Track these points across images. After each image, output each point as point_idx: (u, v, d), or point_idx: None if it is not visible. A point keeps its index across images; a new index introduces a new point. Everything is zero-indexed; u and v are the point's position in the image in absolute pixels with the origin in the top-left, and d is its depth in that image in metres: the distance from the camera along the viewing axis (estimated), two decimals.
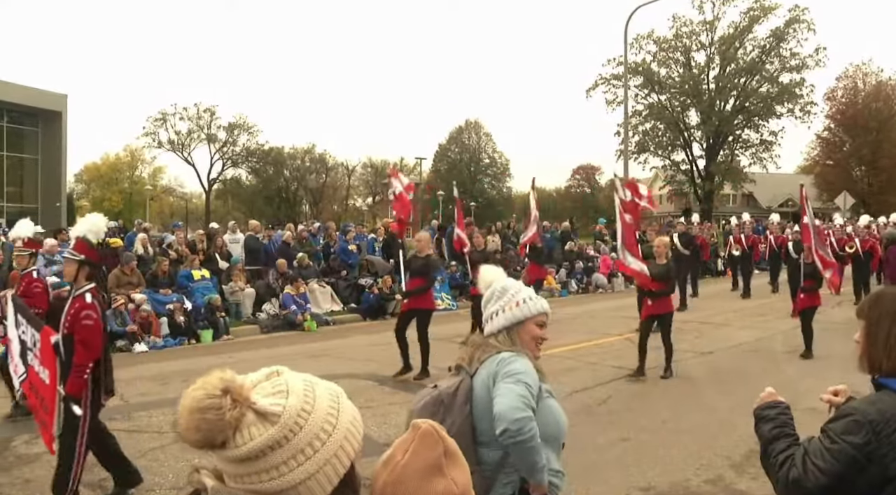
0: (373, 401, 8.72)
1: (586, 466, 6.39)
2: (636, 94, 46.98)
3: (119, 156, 67.56)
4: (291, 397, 1.23)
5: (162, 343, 13.28)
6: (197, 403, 1.18)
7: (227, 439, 1.19)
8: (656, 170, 53.66)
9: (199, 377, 1.24)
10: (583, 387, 9.36)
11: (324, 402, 1.26)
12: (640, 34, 46.34)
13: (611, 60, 46.09)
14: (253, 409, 1.20)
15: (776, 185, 61.74)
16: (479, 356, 2.82)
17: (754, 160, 47.90)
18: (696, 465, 6.46)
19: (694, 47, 47.14)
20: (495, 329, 2.86)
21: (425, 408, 2.70)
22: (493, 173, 72.74)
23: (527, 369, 2.75)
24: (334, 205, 70.26)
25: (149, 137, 60.36)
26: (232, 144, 62.11)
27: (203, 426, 1.17)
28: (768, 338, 13.27)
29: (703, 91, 46.54)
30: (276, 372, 1.30)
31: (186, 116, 59.66)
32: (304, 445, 1.21)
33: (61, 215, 34.08)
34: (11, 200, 35.18)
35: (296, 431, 1.20)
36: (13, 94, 33.17)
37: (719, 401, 8.77)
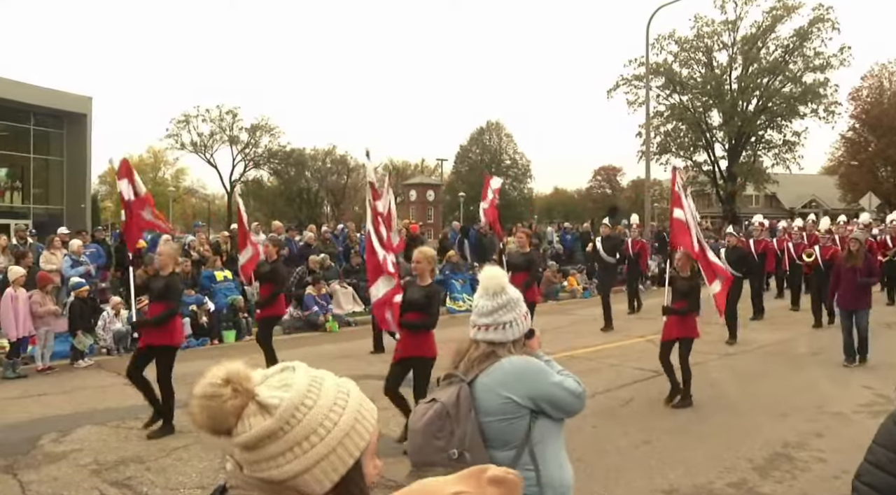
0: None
1: (609, 468, 6.39)
2: (658, 94, 46.73)
3: (142, 157, 68.18)
4: (291, 391, 1.27)
5: (185, 343, 13.34)
6: (202, 390, 1.25)
7: (230, 427, 1.25)
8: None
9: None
10: (605, 389, 9.34)
11: (328, 399, 1.30)
12: (662, 34, 46.12)
13: (632, 61, 45.89)
14: (255, 401, 1.26)
15: (800, 186, 61.25)
16: (480, 363, 2.80)
17: (777, 161, 47.48)
18: (719, 468, 6.42)
19: (716, 47, 46.82)
20: (510, 338, 2.85)
21: (431, 424, 2.67)
22: (514, 174, 72.64)
23: (545, 366, 2.86)
24: (355, 206, 70.44)
25: (172, 139, 60.98)
26: (254, 146, 62.54)
27: (206, 412, 1.24)
28: (791, 341, 13.17)
29: (725, 91, 46.18)
30: (291, 367, 1.34)
31: (209, 118, 60.18)
32: (300, 439, 1.25)
33: (86, 216, 34.39)
34: (38, 202, 35.56)
35: (293, 424, 1.25)
36: (39, 97, 33.52)
37: (742, 404, 8.72)
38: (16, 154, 34.53)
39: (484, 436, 2.69)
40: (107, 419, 8.28)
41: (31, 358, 11.44)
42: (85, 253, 14.29)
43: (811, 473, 6.31)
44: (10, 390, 9.98)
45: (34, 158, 35.15)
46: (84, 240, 15.11)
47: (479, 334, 2.86)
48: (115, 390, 9.71)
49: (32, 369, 11.16)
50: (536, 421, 2.75)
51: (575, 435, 6.67)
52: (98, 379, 10.75)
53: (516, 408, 2.71)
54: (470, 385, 2.75)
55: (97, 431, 7.77)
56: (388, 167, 72.48)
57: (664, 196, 73.45)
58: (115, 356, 12.36)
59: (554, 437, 2.82)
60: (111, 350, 12.53)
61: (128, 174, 9.58)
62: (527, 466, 2.69)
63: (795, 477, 6.20)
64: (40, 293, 11.40)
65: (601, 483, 6.01)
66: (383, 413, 8.30)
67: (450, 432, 2.63)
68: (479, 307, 2.88)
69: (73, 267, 13.67)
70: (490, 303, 2.85)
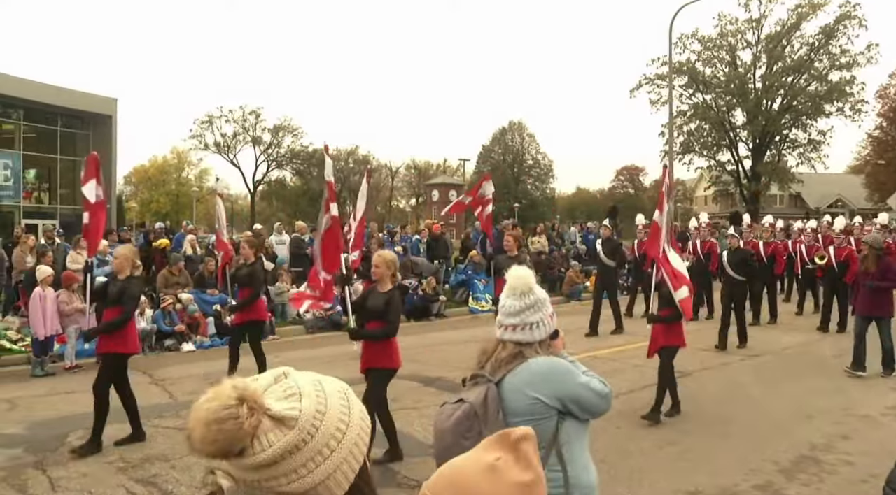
0: (419, 402, 8.76)
1: (633, 469, 6.36)
2: (681, 93, 46.41)
3: (166, 158, 68.88)
4: (305, 400, 1.23)
5: (209, 342, 13.50)
6: (213, 415, 1.16)
7: (245, 447, 1.18)
8: (701, 170, 53.05)
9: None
10: (628, 390, 9.29)
11: (335, 401, 1.26)
12: (685, 33, 45.82)
13: (655, 60, 45.61)
14: (268, 415, 1.19)
15: (825, 185, 60.60)
16: (507, 364, 2.79)
17: (802, 160, 46.97)
18: (745, 470, 6.37)
19: (740, 46, 46.41)
20: (537, 339, 2.84)
21: (459, 424, 2.65)
22: (536, 174, 72.51)
23: (571, 366, 2.86)
24: (378, 206, 70.67)
25: (195, 140, 61.50)
26: (277, 146, 62.92)
27: (220, 437, 1.16)
28: (816, 342, 13.04)
29: (749, 90, 45.79)
30: (284, 374, 1.29)
31: (232, 119, 60.62)
32: (321, 446, 1.21)
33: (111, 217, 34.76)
34: (64, 202, 36.01)
35: (313, 433, 1.21)
36: (66, 98, 33.94)
37: (768, 405, 8.64)
38: (43, 155, 35.01)
39: None
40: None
41: (58, 356, 11.58)
42: (111, 253, 14.42)
43: (838, 476, 6.24)
44: (38, 388, 10.12)
45: (61, 159, 35.61)
46: (112, 239, 15.26)
47: (506, 334, 2.84)
48: (140, 388, 9.74)
49: (60, 367, 11.29)
50: (563, 422, 2.74)
51: (599, 435, 6.64)
52: None
53: (544, 409, 2.70)
54: (497, 385, 2.75)
55: (123, 429, 7.83)
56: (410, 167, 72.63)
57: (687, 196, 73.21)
58: (140, 354, 12.44)
59: (580, 438, 2.82)
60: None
61: (96, 174, 9.07)
62: (554, 467, 2.69)
63: (822, 480, 6.14)
64: (67, 292, 11.53)
65: (625, 484, 5.99)
66: (407, 412, 8.34)
67: (478, 432, 2.61)
68: (507, 307, 2.86)
69: (98, 266, 13.80)
70: (517, 303, 2.83)
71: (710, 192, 57.16)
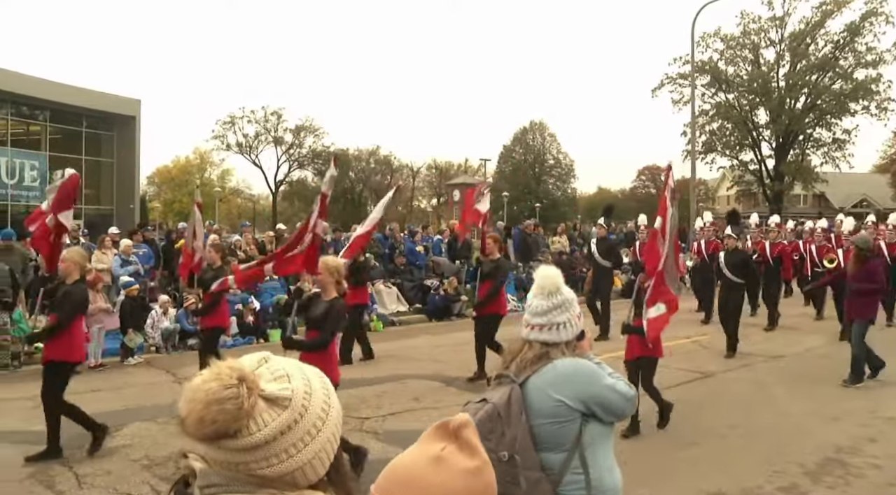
0: (440, 402, 8.77)
1: (655, 470, 6.33)
2: (703, 93, 46.07)
3: (189, 158, 69.29)
4: (294, 381, 1.24)
5: (231, 342, 13.58)
6: (214, 395, 1.17)
7: (240, 428, 1.18)
8: (724, 170, 52.68)
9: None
10: None
11: (317, 383, 1.28)
12: (707, 32, 45.49)
13: (677, 59, 45.32)
14: (262, 396, 1.20)
15: (850, 185, 59.96)
16: (533, 364, 2.78)
17: (826, 159, 46.47)
18: (769, 472, 6.32)
19: (763, 44, 46.00)
20: (563, 339, 2.82)
21: (481, 424, 2.62)
22: (557, 174, 72.25)
23: (597, 368, 2.85)
24: (399, 206, 70.74)
25: (217, 140, 61.77)
26: (298, 146, 63.10)
27: (220, 418, 1.16)
28: (840, 344, 12.84)
29: (772, 89, 45.38)
30: (265, 358, 1.29)
31: (254, 119, 60.85)
32: (309, 426, 1.23)
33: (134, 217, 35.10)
34: (89, 202, 36.42)
35: (303, 414, 1.22)
36: (91, 100, 34.34)
37: (791, 407, 8.57)
38: (68, 156, 35.39)
39: (534, 439, 2.67)
40: (156, 415, 8.44)
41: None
42: (137, 252, 14.57)
43: (865, 480, 6.18)
44: None
45: (86, 160, 36.03)
46: (137, 239, 15.40)
47: (533, 334, 2.83)
48: (164, 387, 9.88)
49: (85, 366, 11.40)
50: (587, 424, 2.73)
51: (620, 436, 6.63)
52: (147, 376, 10.96)
53: (568, 412, 2.69)
54: (521, 386, 2.73)
55: (147, 427, 7.92)
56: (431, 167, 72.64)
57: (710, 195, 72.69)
58: (163, 354, 12.59)
59: (604, 441, 2.80)
60: (160, 347, 12.75)
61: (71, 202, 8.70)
62: (576, 470, 2.68)
63: (849, 483, 6.08)
64: (92, 292, 11.63)
65: (648, 485, 5.95)
66: (428, 412, 8.36)
67: (500, 433, 2.62)
68: (534, 307, 2.84)
69: (122, 266, 13.95)
70: (545, 302, 2.81)
71: (732, 192, 56.75)
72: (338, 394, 1.33)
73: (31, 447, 7.20)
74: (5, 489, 6.11)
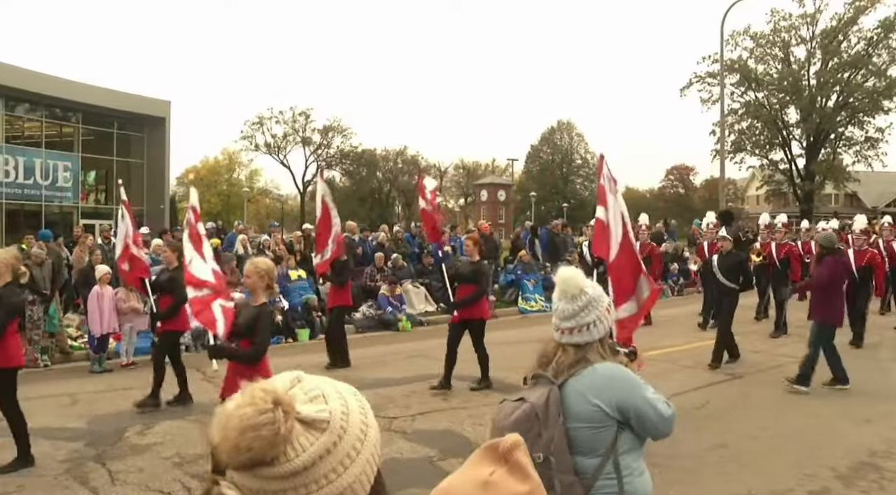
0: (468, 402, 8.79)
1: (684, 472, 6.29)
2: (732, 91, 45.60)
3: (217, 159, 69.96)
4: (331, 401, 1.17)
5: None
6: (249, 421, 1.09)
7: (277, 454, 1.10)
8: (753, 169, 52.09)
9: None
10: (679, 391, 9.16)
11: (353, 402, 1.21)
12: (737, 30, 45.02)
13: (706, 58, 44.81)
14: (298, 419, 1.12)
15: (883, 184, 59.11)
16: (570, 368, 2.75)
17: (858, 158, 45.75)
18: (800, 475, 6.26)
19: (793, 42, 45.41)
20: (596, 337, 2.80)
21: (518, 423, 2.63)
22: (585, 174, 72.03)
23: (638, 379, 2.81)
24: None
25: (246, 141, 62.40)
26: (326, 147, 63.56)
27: (256, 444, 1.08)
28: (872, 345, 12.69)
29: (802, 87, 44.78)
30: (297, 378, 1.21)
31: (282, 120, 61.37)
32: (348, 449, 1.16)
33: (165, 217, 35.52)
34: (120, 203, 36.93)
35: (342, 436, 1.15)
36: (122, 101, 34.80)
37: (823, 408, 8.48)
38: (100, 157, 35.92)
39: (570, 442, 2.66)
40: (186, 413, 8.55)
41: (115, 353, 11.87)
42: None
43: None
44: (96, 384, 10.40)
45: (117, 161, 36.51)
46: (166, 239, 15.60)
47: (564, 337, 2.81)
48: (194, 385, 9.96)
49: (117, 364, 11.58)
50: (622, 432, 2.71)
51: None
52: None
53: (604, 417, 2.67)
54: (560, 388, 2.72)
55: (178, 425, 8.03)
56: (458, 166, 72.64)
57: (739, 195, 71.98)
58: (192, 352, 12.71)
59: (637, 447, 2.79)
60: (189, 346, 12.86)
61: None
62: (609, 475, 2.67)
63: (883, 488, 5.99)
64: (125, 290, 11.80)
65: (676, 487, 5.93)
66: (457, 412, 8.39)
67: (537, 434, 2.61)
68: (560, 310, 2.82)
69: (152, 265, 14.10)
70: (571, 306, 2.79)
71: (762, 192, 56.14)
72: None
73: (66, 443, 7.35)
74: (41, 484, 6.23)
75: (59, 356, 11.98)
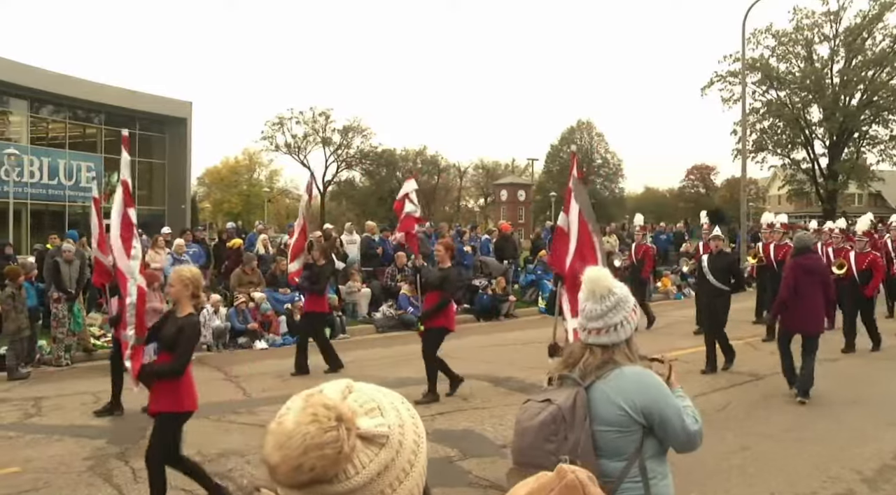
0: (489, 402, 8.78)
1: (706, 474, 6.24)
2: (753, 90, 45.19)
3: (238, 159, 70.28)
4: (387, 414, 1.13)
5: (281, 340, 13.77)
6: (313, 440, 1.04)
7: (337, 473, 1.06)
8: (775, 169, 51.63)
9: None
10: (700, 393, 9.09)
11: (405, 412, 1.17)
12: (758, 29, 44.63)
13: (727, 57, 44.46)
14: (357, 435, 1.08)
15: None
16: (598, 370, 2.72)
17: (883, 157, 45.21)
18: (823, 478, 6.20)
19: (816, 40, 44.93)
20: (623, 338, 2.77)
21: (544, 425, 2.61)
22: (605, 174, 71.79)
23: (666, 387, 2.79)
24: (446, 206, 70.84)
25: (266, 141, 62.57)
26: (346, 147, 63.59)
27: (319, 464, 1.04)
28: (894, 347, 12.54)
29: (826, 86, 44.31)
30: (348, 387, 1.16)
31: (302, 120, 61.46)
32: (404, 463, 1.11)
33: (186, 217, 35.79)
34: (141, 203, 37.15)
35: (399, 450, 1.11)
36: (144, 103, 35.12)
37: (847, 411, 8.38)
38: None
39: (596, 445, 2.64)
40: (208, 412, 8.56)
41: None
42: (188, 251, 14.85)
43: None
44: None
45: (139, 161, 36.83)
46: (187, 238, 15.71)
47: (591, 338, 2.78)
48: (215, 385, 10.05)
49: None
50: (648, 437, 2.69)
51: None
52: (198, 373, 10.92)
53: (630, 422, 2.65)
54: (586, 390, 2.69)
55: (199, 424, 8.04)
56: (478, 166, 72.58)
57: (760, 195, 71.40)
58: (214, 352, 12.81)
59: (663, 451, 2.77)
60: (210, 346, 12.96)
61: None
62: (634, 478, 2.65)
63: None
64: (148, 290, 11.86)
65: (699, 489, 5.89)
66: (478, 412, 8.38)
67: (563, 437, 2.59)
68: (587, 311, 2.80)
69: (174, 265, 14.22)
70: (598, 306, 2.77)
71: (783, 192, 55.63)
72: None
73: (90, 441, 7.43)
74: (66, 480, 6.31)
75: (81, 354, 12.09)
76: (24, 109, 32.23)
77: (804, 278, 8.82)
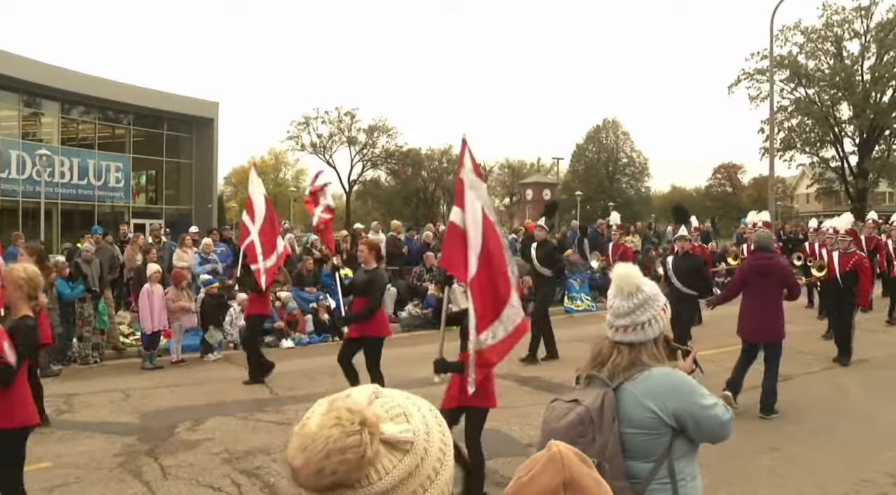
0: (515, 402, 8.75)
1: (734, 475, 6.20)
2: (782, 88, 44.72)
3: (264, 159, 70.69)
4: (413, 420, 1.11)
5: (307, 339, 13.85)
6: (335, 444, 1.03)
7: (360, 478, 1.04)
8: (803, 167, 51.06)
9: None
10: None
11: (432, 419, 1.15)
12: (787, 25, 44.14)
13: (755, 54, 44.05)
14: (381, 440, 1.06)
15: None
16: (626, 371, 2.69)
17: None
18: (855, 480, 6.12)
19: (846, 36, 44.35)
20: (650, 337, 2.74)
21: (571, 427, 2.59)
22: (631, 172, 71.29)
23: (696, 384, 2.75)
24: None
25: (292, 141, 62.91)
26: (371, 146, 63.71)
27: (341, 468, 1.03)
28: None
29: (856, 83, 43.69)
30: (374, 392, 1.14)
31: (328, 120, 61.67)
32: (429, 470, 1.10)
33: (213, 216, 36.07)
34: (169, 202, 37.64)
35: (424, 457, 1.09)
36: (171, 103, 35.45)
37: (878, 412, 8.26)
38: (150, 158, 36.61)
39: (624, 447, 2.62)
40: (235, 410, 8.67)
41: (165, 350, 12.09)
42: (215, 250, 14.97)
43: None
44: (147, 380, 10.60)
45: (166, 161, 37.21)
46: (214, 237, 15.83)
47: (618, 336, 2.76)
48: (241, 383, 10.12)
49: (167, 361, 11.79)
50: (677, 439, 2.67)
51: None
52: (226, 372, 11.24)
53: (660, 424, 2.63)
54: (615, 391, 2.67)
55: (227, 422, 8.15)
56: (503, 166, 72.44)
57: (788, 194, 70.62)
58: (240, 350, 12.87)
59: (691, 451, 2.75)
60: (237, 345, 13.05)
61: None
62: (663, 480, 2.63)
63: None
64: (175, 289, 12.01)
65: (727, 489, 5.85)
66: (503, 412, 8.33)
67: (591, 439, 2.57)
68: (615, 308, 2.77)
69: (201, 264, 14.35)
70: (626, 303, 2.74)
71: (812, 190, 54.99)
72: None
73: (120, 438, 7.52)
74: (97, 476, 6.39)
75: (111, 352, 12.23)
76: (55, 111, 32.67)
77: (756, 280, 8.31)
